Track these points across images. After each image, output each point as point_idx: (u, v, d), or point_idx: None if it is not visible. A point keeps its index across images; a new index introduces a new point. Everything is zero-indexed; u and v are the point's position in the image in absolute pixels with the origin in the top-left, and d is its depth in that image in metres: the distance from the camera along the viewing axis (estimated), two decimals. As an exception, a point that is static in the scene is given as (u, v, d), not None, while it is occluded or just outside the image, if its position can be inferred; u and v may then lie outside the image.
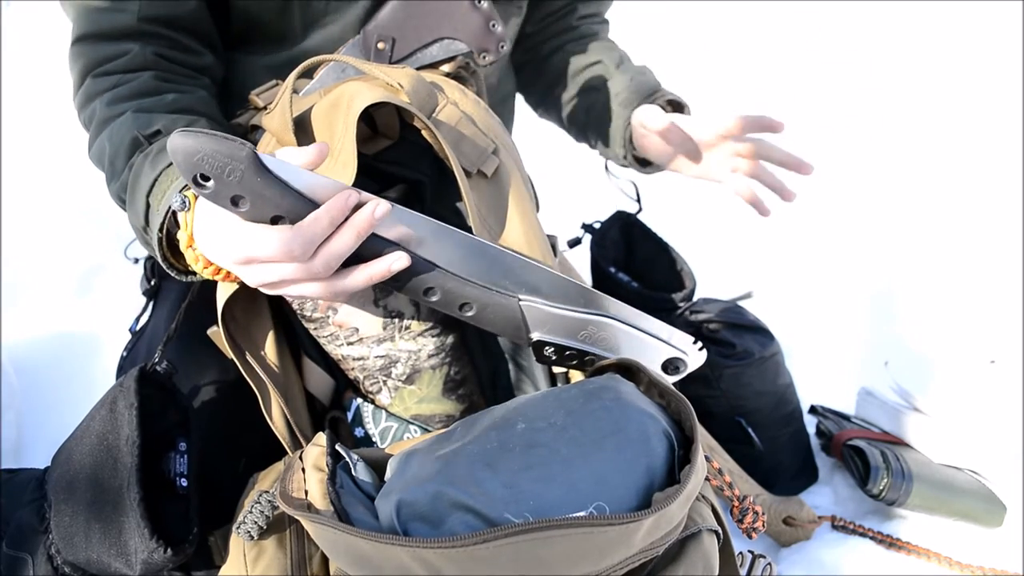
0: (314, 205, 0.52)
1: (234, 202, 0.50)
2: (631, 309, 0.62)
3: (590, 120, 0.95)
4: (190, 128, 0.48)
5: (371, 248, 0.55)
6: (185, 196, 0.56)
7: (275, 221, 0.52)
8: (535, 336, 0.60)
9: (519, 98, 1.06)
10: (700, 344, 0.64)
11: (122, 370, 0.83)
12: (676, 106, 0.90)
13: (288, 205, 0.51)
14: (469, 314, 0.59)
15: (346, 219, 0.53)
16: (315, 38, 0.77)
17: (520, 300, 0.58)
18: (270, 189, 0.50)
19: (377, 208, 0.53)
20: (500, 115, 0.92)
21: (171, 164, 0.60)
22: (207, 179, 0.49)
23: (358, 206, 0.53)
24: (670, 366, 0.64)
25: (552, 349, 0.61)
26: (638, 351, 0.62)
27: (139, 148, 0.65)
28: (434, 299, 0.58)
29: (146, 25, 0.72)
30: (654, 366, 0.63)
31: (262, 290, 0.57)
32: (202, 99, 0.72)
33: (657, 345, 0.62)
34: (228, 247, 0.54)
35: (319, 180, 0.52)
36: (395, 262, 0.55)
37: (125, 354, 0.84)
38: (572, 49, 0.98)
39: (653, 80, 0.92)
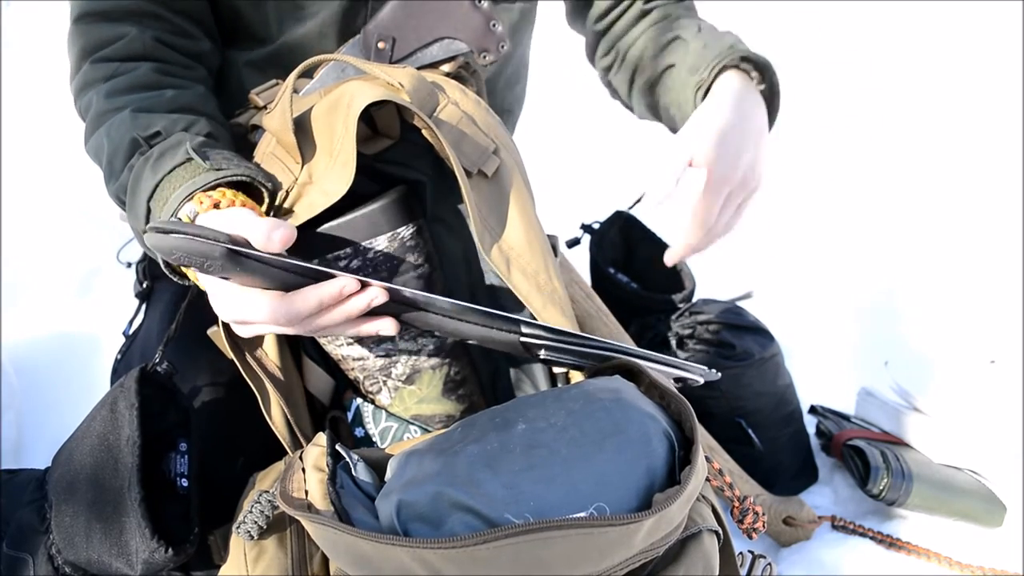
0: (303, 277, 0.53)
1: (222, 277, 0.52)
2: (641, 350, 0.60)
3: (669, 100, 0.87)
4: (164, 227, 0.49)
5: None
6: (179, 219, 0.58)
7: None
8: (542, 355, 0.60)
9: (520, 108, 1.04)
10: (715, 371, 0.64)
11: (116, 373, 0.83)
12: (758, 67, 0.82)
13: (274, 283, 0.53)
14: (471, 342, 0.60)
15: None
16: (292, 34, 0.77)
17: (521, 336, 0.58)
18: (253, 275, 0.52)
19: (375, 300, 0.54)
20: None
21: (173, 170, 0.60)
22: (189, 267, 0.51)
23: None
24: (679, 382, 0.64)
25: (559, 364, 0.62)
26: None
27: (138, 149, 0.64)
28: (436, 335, 0.60)
29: (146, 5, 0.72)
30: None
31: None
32: (201, 96, 0.72)
33: (667, 370, 0.62)
34: (220, 305, 0.56)
35: (304, 266, 0.53)
36: (383, 330, 0.56)
37: (119, 357, 0.84)
38: (649, 35, 0.90)
39: (730, 39, 0.83)
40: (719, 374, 0.64)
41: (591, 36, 0.98)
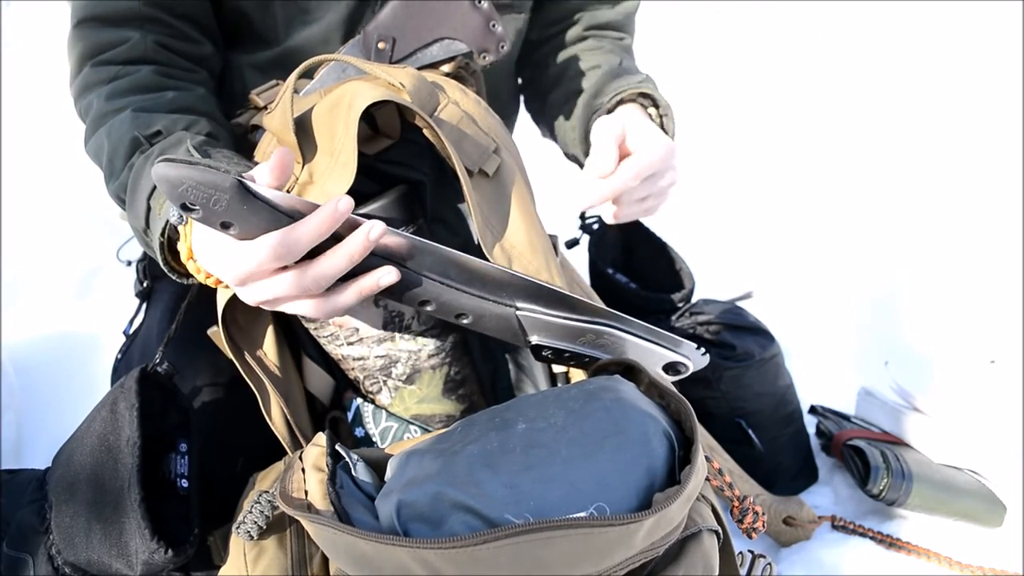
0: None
1: (224, 226, 0.50)
2: (633, 320, 0.61)
3: (564, 114, 0.87)
4: (174, 158, 0.48)
5: (362, 263, 0.54)
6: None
7: None
8: (533, 340, 0.60)
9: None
10: (703, 350, 0.64)
11: (116, 372, 0.83)
12: (656, 105, 0.80)
13: (278, 227, 0.51)
14: (465, 322, 0.59)
15: (339, 240, 0.52)
16: (297, 37, 0.77)
17: (517, 310, 0.58)
18: (258, 215, 0.50)
19: (372, 230, 0.52)
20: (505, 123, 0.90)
21: None
22: (194, 207, 0.49)
23: (352, 225, 0.52)
24: (670, 368, 0.64)
25: (550, 351, 0.61)
26: (639, 356, 0.62)
27: (139, 148, 0.64)
28: (429, 309, 0.58)
29: (148, 9, 0.71)
30: (655, 369, 0.63)
31: (262, 307, 0.57)
32: (202, 97, 0.72)
33: (659, 351, 0.62)
34: (223, 267, 0.54)
35: (308, 203, 0.52)
36: (384, 276, 0.54)
37: (120, 356, 0.84)
38: (575, 56, 0.90)
39: (641, 78, 0.81)
40: (707, 357, 0.64)
41: (525, 46, 0.95)
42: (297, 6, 0.76)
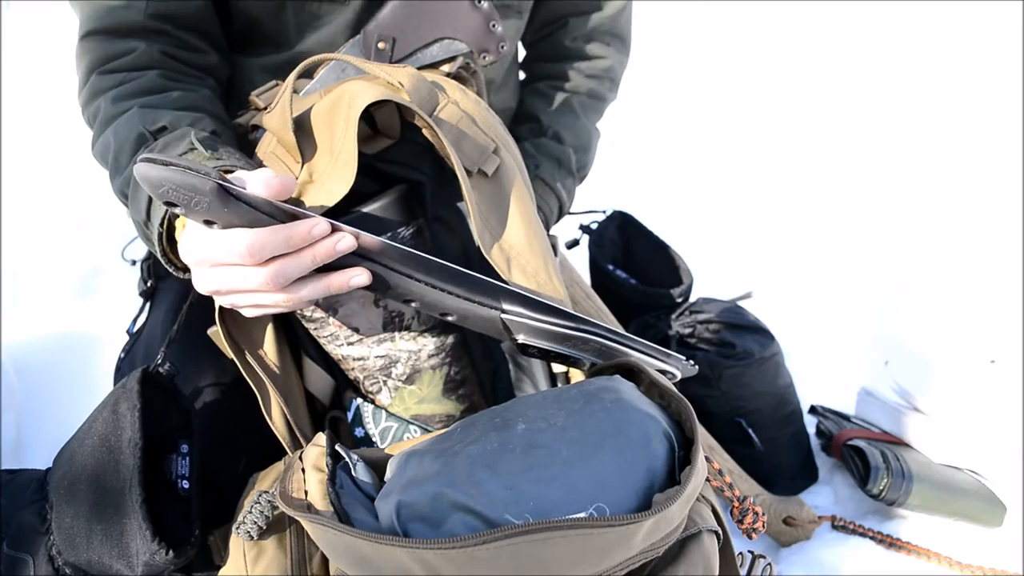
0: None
1: (207, 223, 0.51)
2: (620, 331, 0.60)
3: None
4: (154, 158, 0.48)
5: (338, 260, 0.54)
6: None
7: None
8: (520, 339, 0.60)
9: None
10: (692, 361, 0.63)
11: (119, 371, 0.83)
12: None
13: (258, 227, 0.52)
14: (451, 319, 0.59)
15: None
16: (308, 41, 0.78)
17: (502, 314, 0.58)
18: (239, 216, 0.50)
19: (340, 241, 0.53)
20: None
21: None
22: (176, 205, 0.49)
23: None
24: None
25: (536, 350, 0.61)
26: None
27: (144, 143, 0.65)
28: (414, 305, 0.58)
29: (153, 22, 0.72)
30: None
31: (216, 300, 0.57)
32: (207, 97, 0.72)
33: (647, 359, 0.62)
34: (191, 246, 0.54)
35: (288, 209, 0.52)
36: (355, 278, 0.55)
37: (123, 355, 0.84)
38: (538, 89, 0.97)
39: (545, 170, 0.90)
40: (696, 368, 0.64)
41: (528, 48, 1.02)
42: (309, 12, 0.76)
